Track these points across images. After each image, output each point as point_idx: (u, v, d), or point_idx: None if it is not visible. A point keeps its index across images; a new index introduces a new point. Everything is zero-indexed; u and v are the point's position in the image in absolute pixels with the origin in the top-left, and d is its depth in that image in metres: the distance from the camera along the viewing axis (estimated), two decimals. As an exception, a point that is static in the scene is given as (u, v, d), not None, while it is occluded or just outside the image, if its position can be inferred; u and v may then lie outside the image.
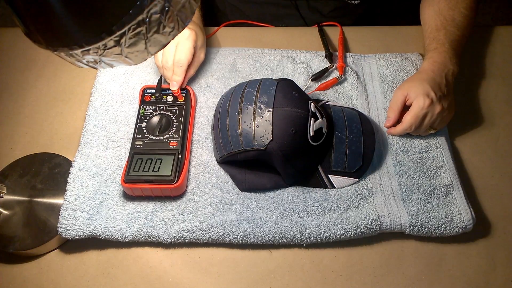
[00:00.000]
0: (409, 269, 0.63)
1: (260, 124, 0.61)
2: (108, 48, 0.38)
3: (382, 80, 0.79)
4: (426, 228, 0.63)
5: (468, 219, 0.63)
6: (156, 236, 0.62)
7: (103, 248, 0.64)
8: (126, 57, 0.40)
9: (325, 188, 0.67)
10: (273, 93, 0.63)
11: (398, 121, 0.71)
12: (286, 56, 0.82)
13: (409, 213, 0.64)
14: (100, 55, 0.38)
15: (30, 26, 0.38)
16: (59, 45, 0.38)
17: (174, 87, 0.71)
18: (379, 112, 0.75)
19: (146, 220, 0.63)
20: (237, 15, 0.98)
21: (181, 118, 0.69)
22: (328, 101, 0.75)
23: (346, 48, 0.85)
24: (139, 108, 0.71)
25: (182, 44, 0.71)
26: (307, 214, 0.64)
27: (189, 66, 0.73)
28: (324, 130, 0.66)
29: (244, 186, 0.66)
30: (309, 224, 0.63)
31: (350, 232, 0.62)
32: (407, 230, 0.63)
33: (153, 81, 0.75)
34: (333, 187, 0.67)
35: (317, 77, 0.78)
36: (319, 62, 0.81)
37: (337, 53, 0.82)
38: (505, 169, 0.72)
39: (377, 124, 0.74)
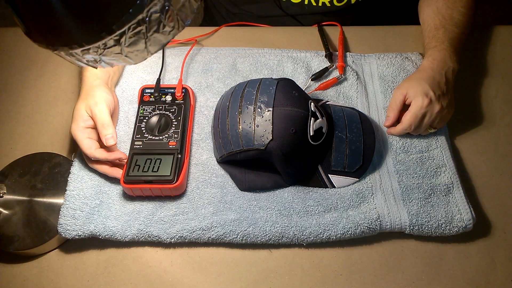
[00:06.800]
0: (409, 269, 0.63)
1: (260, 124, 0.61)
2: (108, 47, 0.38)
3: (382, 79, 0.79)
4: (426, 228, 0.63)
5: (468, 219, 0.63)
6: (156, 236, 0.62)
7: (103, 248, 0.64)
8: (126, 56, 0.40)
9: (325, 187, 0.67)
10: (273, 92, 0.63)
11: (398, 120, 0.71)
12: (286, 55, 0.82)
13: (409, 212, 0.63)
14: (100, 54, 0.38)
15: (30, 25, 0.38)
16: (59, 44, 0.38)
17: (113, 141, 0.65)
18: (379, 112, 0.75)
19: (146, 220, 0.63)
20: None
21: (180, 118, 0.69)
22: (328, 101, 0.75)
23: (346, 48, 0.85)
24: (138, 108, 0.71)
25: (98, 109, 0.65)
26: (307, 213, 0.64)
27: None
28: (324, 130, 0.66)
29: (244, 186, 0.66)
30: (309, 224, 0.63)
31: (350, 232, 0.62)
32: (407, 229, 0.63)
33: (152, 81, 0.75)
34: (333, 186, 0.67)
35: (317, 76, 0.78)
36: (319, 62, 0.81)
37: (337, 52, 0.82)
38: (505, 169, 0.71)
39: (377, 124, 0.74)
